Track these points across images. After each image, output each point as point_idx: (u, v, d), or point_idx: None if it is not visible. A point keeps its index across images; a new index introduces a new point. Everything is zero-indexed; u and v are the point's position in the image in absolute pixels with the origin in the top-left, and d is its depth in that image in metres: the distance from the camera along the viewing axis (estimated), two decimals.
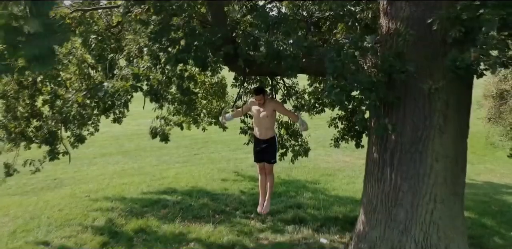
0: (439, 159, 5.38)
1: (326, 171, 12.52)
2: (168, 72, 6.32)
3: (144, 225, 7.97)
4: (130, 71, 5.84)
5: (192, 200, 9.48)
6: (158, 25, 5.94)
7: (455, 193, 5.63)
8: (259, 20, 6.06)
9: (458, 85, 5.27)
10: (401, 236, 5.60)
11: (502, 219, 8.81)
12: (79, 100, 7.52)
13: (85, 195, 9.93)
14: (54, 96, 7.92)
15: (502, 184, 11.92)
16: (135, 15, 6.06)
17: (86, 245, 7.24)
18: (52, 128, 7.84)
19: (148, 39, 6.12)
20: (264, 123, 7.20)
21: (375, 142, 5.87)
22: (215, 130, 16.05)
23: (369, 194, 5.99)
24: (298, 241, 7.32)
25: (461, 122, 5.53)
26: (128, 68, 6.02)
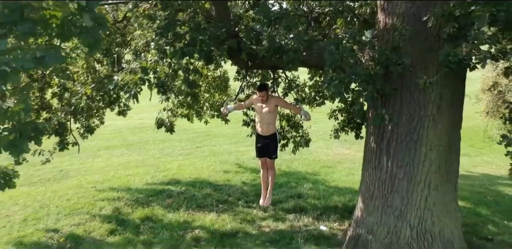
0: (433, 148, 5.66)
1: (326, 163, 12.76)
2: (174, 65, 6.57)
3: (150, 214, 8.24)
4: (138, 65, 6.10)
5: (195, 190, 9.73)
6: (164, 20, 6.21)
7: (449, 180, 5.92)
8: (261, 15, 6.29)
9: (452, 78, 5.54)
10: (397, 221, 5.89)
11: (497, 209, 9.07)
12: (88, 93, 7.78)
13: (91, 186, 10.18)
14: (63, 88, 8.19)
15: (498, 176, 12.15)
16: (143, 10, 6.33)
17: (94, 232, 7.52)
18: (61, 120, 8.11)
19: (155, 34, 6.39)
20: (266, 119, 7.49)
21: (372, 132, 6.16)
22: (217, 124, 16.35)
23: (367, 181, 6.28)
24: (299, 228, 7.59)
25: (454, 113, 5.81)
26: (136, 62, 6.28)
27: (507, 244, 7.18)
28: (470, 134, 17.83)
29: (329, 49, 5.39)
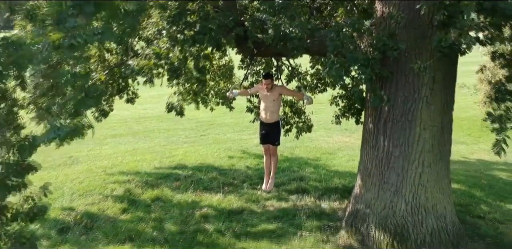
0: (426, 128, 6.09)
1: (327, 150, 13.16)
2: (185, 52, 6.98)
3: (159, 194, 8.68)
4: (152, 51, 6.51)
5: (201, 174, 10.14)
6: (175, 10, 6.62)
7: (442, 159, 6.34)
8: (266, 5, 6.70)
9: (444, 63, 5.94)
10: (393, 197, 6.33)
11: (490, 191, 9.47)
12: (102, 79, 8.18)
13: (101, 170, 10.59)
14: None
15: (493, 162, 12.55)
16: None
17: (108, 211, 7.96)
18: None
19: (166, 22, 6.81)
20: (270, 107, 7.96)
21: (370, 114, 6.58)
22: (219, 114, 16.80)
23: (365, 160, 6.71)
24: (301, 207, 8.04)
25: (446, 96, 6.22)
26: (149, 48, 6.70)
27: (498, 221, 7.61)
28: (468, 123, 18.24)
29: (331, 36, 5.80)
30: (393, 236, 6.26)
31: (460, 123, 18.37)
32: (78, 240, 6.77)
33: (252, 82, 10.17)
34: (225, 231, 7.07)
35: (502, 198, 8.96)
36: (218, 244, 6.64)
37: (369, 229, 6.49)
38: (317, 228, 7.13)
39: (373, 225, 6.46)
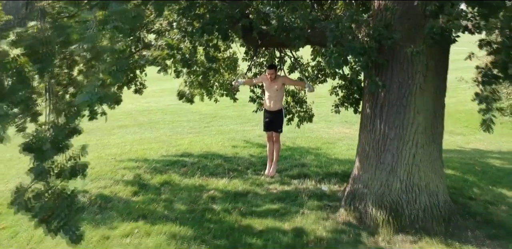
0: (420, 112, 6.53)
1: (328, 140, 13.61)
2: (195, 42, 7.43)
3: (168, 179, 9.12)
4: (164, 42, 6.97)
5: (207, 161, 10.59)
6: (186, 2, 7.07)
7: (434, 141, 6.78)
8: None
9: (436, 51, 6.38)
10: (388, 176, 6.78)
11: (484, 177, 9.90)
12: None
13: (111, 158, 11.05)
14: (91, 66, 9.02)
15: (488, 150, 13.02)
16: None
17: (120, 193, 8.41)
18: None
19: (177, 15, 7.27)
20: (274, 96, 8.45)
21: (368, 99, 7.03)
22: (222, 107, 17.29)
23: (363, 142, 7.17)
24: (303, 189, 8.49)
25: (439, 82, 6.67)
26: (162, 40, 7.16)
27: (489, 202, 8.04)
28: (466, 116, 18.75)
29: (330, 27, 6.23)
30: (389, 213, 6.71)
31: (458, 115, 18.91)
32: (94, 218, 7.22)
33: (256, 73, 10.62)
34: (232, 210, 7.53)
35: (494, 183, 9.39)
36: (225, 221, 7.09)
37: (367, 207, 6.95)
38: (317, 207, 7.60)
39: (370, 203, 6.91)
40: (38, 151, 3.67)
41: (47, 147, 3.59)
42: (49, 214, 3.93)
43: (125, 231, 6.68)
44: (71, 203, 4.11)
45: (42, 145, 3.59)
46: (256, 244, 6.30)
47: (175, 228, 6.77)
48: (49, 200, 4.03)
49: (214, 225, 6.91)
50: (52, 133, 3.77)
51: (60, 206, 3.99)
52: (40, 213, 3.85)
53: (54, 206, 3.99)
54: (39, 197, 3.91)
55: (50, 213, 3.93)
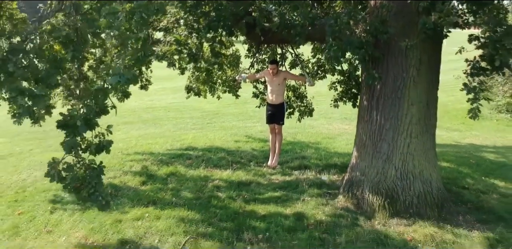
0: (414, 104, 6.93)
1: (327, 135, 14.00)
2: (202, 38, 7.84)
3: (174, 170, 9.51)
4: (173, 38, 7.37)
5: (211, 154, 10.99)
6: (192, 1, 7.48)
7: (427, 131, 7.19)
8: None
9: (429, 46, 6.78)
10: (384, 164, 7.18)
11: (477, 169, 10.29)
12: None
13: (118, 151, 11.42)
14: (100, 62, 9.44)
15: (483, 145, 13.41)
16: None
17: (129, 183, 8.81)
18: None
19: (183, 12, 7.67)
20: (276, 90, 8.90)
21: (365, 92, 7.44)
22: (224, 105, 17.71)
23: (360, 133, 7.58)
24: (303, 179, 8.89)
25: (432, 76, 7.07)
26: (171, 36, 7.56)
27: (481, 191, 8.45)
28: (463, 113, 18.96)
29: (330, 23, 6.63)
30: (384, 199, 7.11)
31: (455, 113, 19.31)
32: None
33: (258, 70, 11.01)
34: (236, 197, 7.94)
35: (487, 174, 9.79)
36: (230, 207, 7.50)
37: (364, 193, 7.35)
38: (317, 194, 8.01)
39: (367, 189, 7.32)
40: (71, 127, 4.09)
41: (80, 124, 4.00)
42: (79, 184, 4.33)
43: (136, 215, 7.09)
44: (100, 173, 4.50)
45: (75, 122, 4.00)
46: (260, 227, 6.70)
47: (183, 213, 7.19)
48: (80, 171, 4.43)
49: (220, 210, 7.33)
50: (84, 111, 4.19)
51: (90, 176, 4.39)
52: (71, 183, 4.27)
53: (84, 176, 4.38)
54: (70, 169, 4.36)
55: (80, 183, 4.33)
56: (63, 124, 4.23)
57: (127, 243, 6.26)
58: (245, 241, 6.28)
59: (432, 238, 6.34)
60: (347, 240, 6.30)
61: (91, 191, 4.55)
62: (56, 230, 6.74)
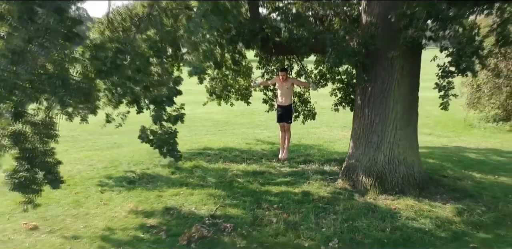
0: (398, 102, 8.55)
1: (329, 139, 15.56)
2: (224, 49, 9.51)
3: (197, 164, 11.12)
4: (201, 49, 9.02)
5: (226, 153, 12.60)
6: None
7: (410, 124, 8.81)
8: (283, 16, 9.29)
9: (410, 56, 8.40)
10: (374, 152, 8.79)
11: (458, 164, 11.82)
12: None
13: (144, 150, 12.99)
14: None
15: (467, 147, 14.94)
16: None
17: (160, 173, 10.42)
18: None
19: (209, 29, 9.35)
20: (285, 94, 10.62)
21: (358, 93, 9.08)
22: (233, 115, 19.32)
23: (355, 127, 9.20)
24: (308, 169, 10.52)
25: (413, 79, 8.70)
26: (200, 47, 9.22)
27: (458, 179, 9.99)
28: (454, 123, 20.77)
29: (329, 37, 8.32)
30: (375, 180, 8.70)
31: (447, 123, 20.93)
32: (145, 187, 9.27)
33: (268, 79, 12.69)
34: (253, 181, 9.56)
35: (465, 168, 11.34)
36: (249, 187, 9.12)
37: (358, 176, 8.95)
38: (320, 179, 9.63)
39: (361, 173, 8.92)
40: (159, 103, 5.75)
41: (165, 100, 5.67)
42: (161, 144, 5.99)
43: (173, 193, 8.75)
44: (175, 136, 6.13)
45: (162, 99, 5.67)
46: (274, 200, 8.32)
47: (211, 191, 8.84)
48: (162, 135, 6.08)
49: (241, 190, 8.97)
50: (167, 92, 5.86)
51: (169, 138, 6.02)
52: (157, 143, 5.94)
53: (165, 138, 6.02)
54: (155, 133, 6.00)
55: (161, 143, 5.98)
56: (154, 101, 5.93)
57: (171, 210, 7.89)
58: (263, 209, 7.90)
59: (412, 207, 7.93)
60: (344, 208, 7.89)
61: (170, 148, 6.24)
62: (110, 203, 8.35)
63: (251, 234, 6.93)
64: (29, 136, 5.66)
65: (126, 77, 5.46)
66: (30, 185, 5.72)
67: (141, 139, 6.56)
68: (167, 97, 5.94)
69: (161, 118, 6.23)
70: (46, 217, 7.57)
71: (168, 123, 6.58)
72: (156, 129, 6.56)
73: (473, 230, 7.18)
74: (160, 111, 6.17)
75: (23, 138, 5.52)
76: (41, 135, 5.74)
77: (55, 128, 6.05)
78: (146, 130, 6.58)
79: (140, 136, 6.53)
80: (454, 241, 6.83)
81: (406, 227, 7.17)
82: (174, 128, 6.68)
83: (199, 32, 5.68)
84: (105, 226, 7.18)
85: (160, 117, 6.19)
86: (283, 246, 6.59)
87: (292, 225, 7.20)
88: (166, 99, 5.92)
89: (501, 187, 9.61)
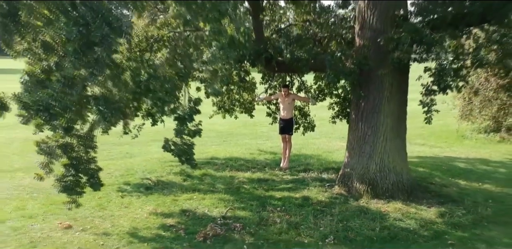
0: (388, 116, 9.57)
1: (327, 150, 16.51)
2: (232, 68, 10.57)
3: (206, 172, 12.12)
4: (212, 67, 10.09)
5: (232, 162, 13.61)
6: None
7: (399, 136, 9.83)
8: (284, 37, 10.37)
9: (398, 75, 9.44)
10: (367, 161, 9.79)
11: (447, 173, 12.78)
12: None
13: (156, 160, 14.01)
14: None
15: (457, 157, 15.88)
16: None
17: (173, 180, 11.43)
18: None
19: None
20: (286, 108, 11.70)
21: (353, 108, 10.11)
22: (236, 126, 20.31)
23: (350, 139, 10.22)
24: (308, 177, 11.55)
25: (401, 95, 9.73)
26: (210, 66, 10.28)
27: (444, 186, 11.01)
28: (447, 134, 21.68)
29: (327, 58, 9.37)
30: (368, 186, 9.71)
31: (441, 134, 21.85)
32: (162, 192, 10.28)
33: (271, 94, 13.75)
34: (258, 187, 10.58)
35: (453, 176, 12.34)
36: (254, 193, 10.15)
37: (353, 183, 9.96)
38: (319, 185, 10.64)
39: (355, 180, 9.92)
40: (182, 120, 6.78)
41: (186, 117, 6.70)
42: (180, 154, 7.01)
43: (187, 197, 9.78)
44: (192, 148, 7.14)
45: (184, 116, 6.70)
46: (278, 204, 9.35)
47: (221, 196, 9.87)
48: (181, 146, 7.10)
49: (247, 195, 10.00)
50: (188, 111, 6.90)
51: (188, 149, 7.04)
52: (178, 153, 6.95)
53: (184, 149, 7.04)
54: (176, 144, 7.03)
55: (181, 153, 7.00)
56: (178, 118, 6.97)
57: (186, 212, 8.91)
58: (268, 211, 8.92)
59: (400, 210, 8.95)
60: (339, 211, 8.89)
61: (188, 157, 7.27)
62: (131, 206, 9.35)
63: (258, 232, 7.94)
64: (75, 147, 6.69)
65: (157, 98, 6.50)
66: (75, 188, 6.74)
67: (164, 149, 7.59)
68: (189, 115, 6.99)
69: (182, 132, 7.24)
70: (76, 218, 8.55)
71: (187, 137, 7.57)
72: (177, 141, 7.55)
73: (452, 230, 8.20)
74: (182, 126, 7.18)
75: (70, 148, 6.55)
76: (84, 146, 6.77)
77: (95, 140, 7.08)
78: (169, 141, 7.55)
79: (164, 146, 7.56)
80: (434, 239, 7.84)
81: (393, 226, 8.18)
82: (192, 141, 7.66)
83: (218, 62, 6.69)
84: (130, 226, 8.18)
85: (182, 131, 7.21)
86: (286, 242, 7.59)
87: (294, 225, 8.21)
88: (188, 116, 6.97)
89: (483, 193, 10.62)
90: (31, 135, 7.06)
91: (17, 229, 7.97)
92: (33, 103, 5.25)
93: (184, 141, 7.54)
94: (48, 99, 5.26)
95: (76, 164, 6.70)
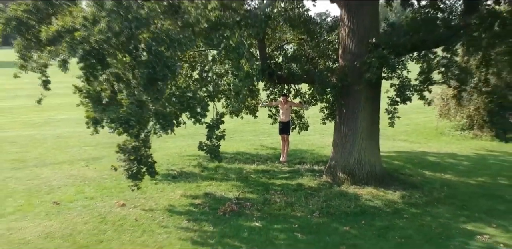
0: (364, 121, 12.23)
1: (320, 145, 18.97)
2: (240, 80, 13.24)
3: (219, 165, 14.71)
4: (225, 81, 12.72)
5: (240, 156, 16.20)
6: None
7: (372, 136, 12.52)
8: (283, 55, 13.11)
9: (371, 89, 12.08)
10: (347, 155, 12.49)
11: (417, 165, 15.30)
12: None
13: (176, 154, 16.59)
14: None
15: (430, 152, 18.28)
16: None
17: (193, 170, 14.12)
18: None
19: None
20: (285, 113, 14.52)
21: (338, 114, 12.80)
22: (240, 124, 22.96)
23: (335, 138, 12.92)
24: (302, 168, 14.27)
25: (374, 105, 12.39)
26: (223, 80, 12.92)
27: (412, 175, 13.69)
28: (428, 131, 24.15)
29: (317, 74, 12.05)
30: (348, 175, 12.41)
31: (423, 131, 24.35)
32: (186, 180, 13.01)
33: (272, 99, 16.44)
34: (262, 176, 13.32)
35: (422, 168, 14.95)
36: (259, 181, 12.90)
37: (337, 173, 12.66)
38: (311, 175, 13.38)
39: (339, 170, 12.61)
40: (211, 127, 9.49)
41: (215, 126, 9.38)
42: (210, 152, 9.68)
43: (206, 184, 12.54)
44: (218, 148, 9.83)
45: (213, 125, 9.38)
46: (278, 188, 12.12)
47: (233, 183, 12.64)
48: (211, 146, 9.79)
49: (254, 182, 12.76)
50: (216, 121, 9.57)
51: (216, 148, 9.71)
52: (208, 151, 9.66)
53: (213, 148, 9.70)
54: (207, 145, 9.73)
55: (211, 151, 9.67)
56: (209, 126, 9.63)
57: (209, 194, 11.68)
58: (270, 194, 11.68)
59: (371, 193, 11.69)
60: (325, 194, 11.65)
61: (216, 154, 9.94)
62: (165, 190, 12.09)
63: (263, 209, 10.75)
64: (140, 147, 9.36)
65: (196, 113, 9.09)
66: (137, 175, 9.39)
67: (200, 148, 10.20)
68: (216, 124, 9.68)
69: (211, 137, 9.88)
70: (126, 198, 11.30)
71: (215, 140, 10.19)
72: (207, 143, 10.18)
73: (408, 208, 10.97)
74: (211, 132, 9.83)
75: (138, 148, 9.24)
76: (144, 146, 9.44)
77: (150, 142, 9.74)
78: (203, 143, 10.18)
79: (199, 146, 10.16)
80: (394, 214, 10.62)
81: (364, 205, 10.98)
82: (218, 143, 10.27)
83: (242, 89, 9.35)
84: (168, 204, 10.96)
85: (211, 136, 9.85)
86: (284, 216, 10.38)
87: (290, 204, 11.01)
88: (216, 125, 9.66)
89: (442, 181, 13.31)
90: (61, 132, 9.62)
91: (86, 206, 10.77)
92: (117, 119, 7.96)
93: (212, 143, 10.16)
94: (127, 115, 7.97)
95: (140, 159, 9.34)
